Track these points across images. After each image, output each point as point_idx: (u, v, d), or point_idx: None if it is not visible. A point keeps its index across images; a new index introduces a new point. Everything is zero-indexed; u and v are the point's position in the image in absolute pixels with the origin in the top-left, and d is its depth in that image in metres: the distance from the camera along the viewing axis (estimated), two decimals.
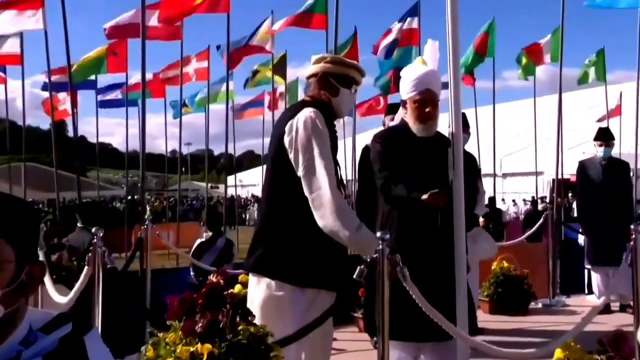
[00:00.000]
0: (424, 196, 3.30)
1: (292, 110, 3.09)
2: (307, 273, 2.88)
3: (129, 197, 23.99)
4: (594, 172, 6.96)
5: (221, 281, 2.71)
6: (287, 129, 2.94)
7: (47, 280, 3.73)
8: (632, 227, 3.57)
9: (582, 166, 7.15)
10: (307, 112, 2.96)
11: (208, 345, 2.26)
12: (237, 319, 2.44)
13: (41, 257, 4.16)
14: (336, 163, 3.01)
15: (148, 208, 29.97)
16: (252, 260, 3.02)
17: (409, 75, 3.65)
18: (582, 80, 16.24)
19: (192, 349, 2.26)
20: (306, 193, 2.86)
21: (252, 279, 3.04)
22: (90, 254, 3.20)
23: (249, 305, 2.93)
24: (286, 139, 2.93)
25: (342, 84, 3.12)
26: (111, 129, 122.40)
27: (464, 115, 6.03)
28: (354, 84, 3.19)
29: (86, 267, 3.25)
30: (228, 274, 2.97)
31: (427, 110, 3.58)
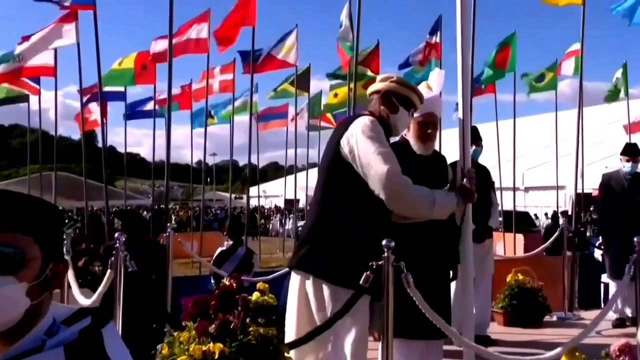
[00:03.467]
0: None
1: (350, 120, 3.24)
2: (350, 274, 2.95)
3: (155, 207, 24.32)
4: (618, 186, 6.90)
5: (234, 285, 2.86)
6: (345, 135, 3.08)
7: (72, 283, 3.93)
8: (635, 239, 3.64)
9: (606, 179, 7.09)
10: (365, 119, 3.13)
11: (220, 345, 2.42)
12: (248, 320, 2.59)
13: (67, 261, 4.35)
14: None
15: (173, 217, 30.13)
16: (296, 258, 3.14)
17: None
18: (611, 98, 16.15)
19: (204, 347, 2.43)
20: (374, 191, 2.97)
21: (295, 277, 3.15)
22: (112, 258, 3.39)
23: (290, 303, 3.07)
24: (344, 145, 3.05)
25: (402, 104, 3.27)
26: (139, 140, 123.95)
27: (475, 128, 6.17)
28: (413, 107, 3.34)
29: (109, 271, 3.43)
30: (241, 278, 3.10)
31: (428, 131, 3.93)
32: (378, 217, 3.12)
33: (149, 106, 17.63)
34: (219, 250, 7.69)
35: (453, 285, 5.73)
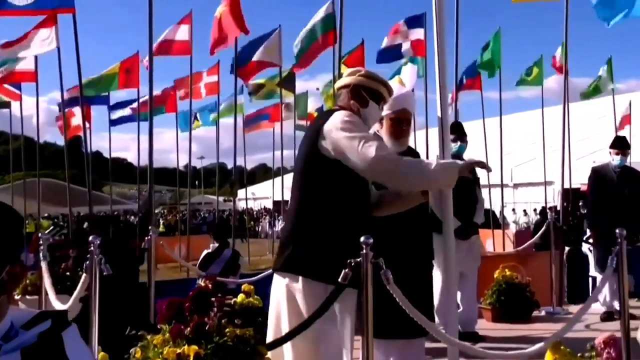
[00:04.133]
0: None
1: (325, 117, 3.17)
2: (336, 270, 2.85)
3: (142, 212, 24.17)
4: (608, 179, 6.87)
5: (209, 286, 2.81)
6: (324, 132, 3.00)
7: (49, 289, 3.85)
8: (617, 231, 3.63)
9: (595, 173, 7.06)
10: (341, 113, 3.08)
11: (194, 347, 2.36)
12: (223, 321, 2.54)
13: (44, 267, 4.29)
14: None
15: (161, 221, 29.93)
16: (281, 260, 3.06)
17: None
18: (587, 96, 16.27)
19: (178, 350, 2.37)
20: (366, 177, 2.95)
21: (279, 279, 3.06)
22: (87, 262, 3.31)
23: (273, 307, 3.01)
24: (325, 142, 2.98)
25: (372, 97, 3.22)
26: (126, 144, 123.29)
27: (459, 124, 6.15)
28: (382, 100, 3.29)
29: (84, 275, 3.36)
30: (216, 279, 3.04)
31: (403, 128, 3.93)
32: (360, 211, 3.07)
33: (132, 111, 17.55)
34: (204, 252, 7.62)
35: (437, 282, 5.74)
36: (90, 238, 3.28)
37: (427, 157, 9.80)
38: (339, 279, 2.74)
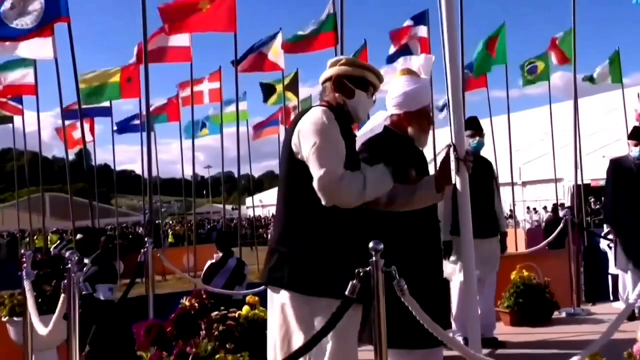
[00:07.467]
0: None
1: (299, 117, 2.92)
2: (327, 282, 2.64)
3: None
4: (627, 171, 6.55)
5: (196, 305, 2.50)
6: (294, 131, 2.79)
7: (31, 310, 3.57)
8: None
9: (614, 165, 6.73)
10: (314, 111, 2.82)
11: None
12: (210, 346, 2.25)
13: (27, 286, 4.00)
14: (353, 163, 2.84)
15: (170, 232, 29.84)
16: (266, 272, 2.83)
17: (417, 87, 3.73)
18: (591, 80, 15.87)
19: None
20: (315, 188, 2.67)
21: (269, 292, 2.84)
22: (65, 281, 3.00)
23: (270, 321, 2.76)
24: (294, 142, 2.77)
25: (358, 86, 2.96)
26: (134, 156, 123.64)
27: (476, 118, 5.86)
28: (371, 87, 3.02)
29: (62, 295, 3.06)
30: (203, 294, 2.73)
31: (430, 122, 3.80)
32: (349, 212, 2.77)
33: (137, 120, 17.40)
34: (208, 263, 7.37)
35: (455, 288, 5.45)
36: (68, 254, 2.99)
37: (435, 158, 9.54)
38: (346, 292, 2.45)
